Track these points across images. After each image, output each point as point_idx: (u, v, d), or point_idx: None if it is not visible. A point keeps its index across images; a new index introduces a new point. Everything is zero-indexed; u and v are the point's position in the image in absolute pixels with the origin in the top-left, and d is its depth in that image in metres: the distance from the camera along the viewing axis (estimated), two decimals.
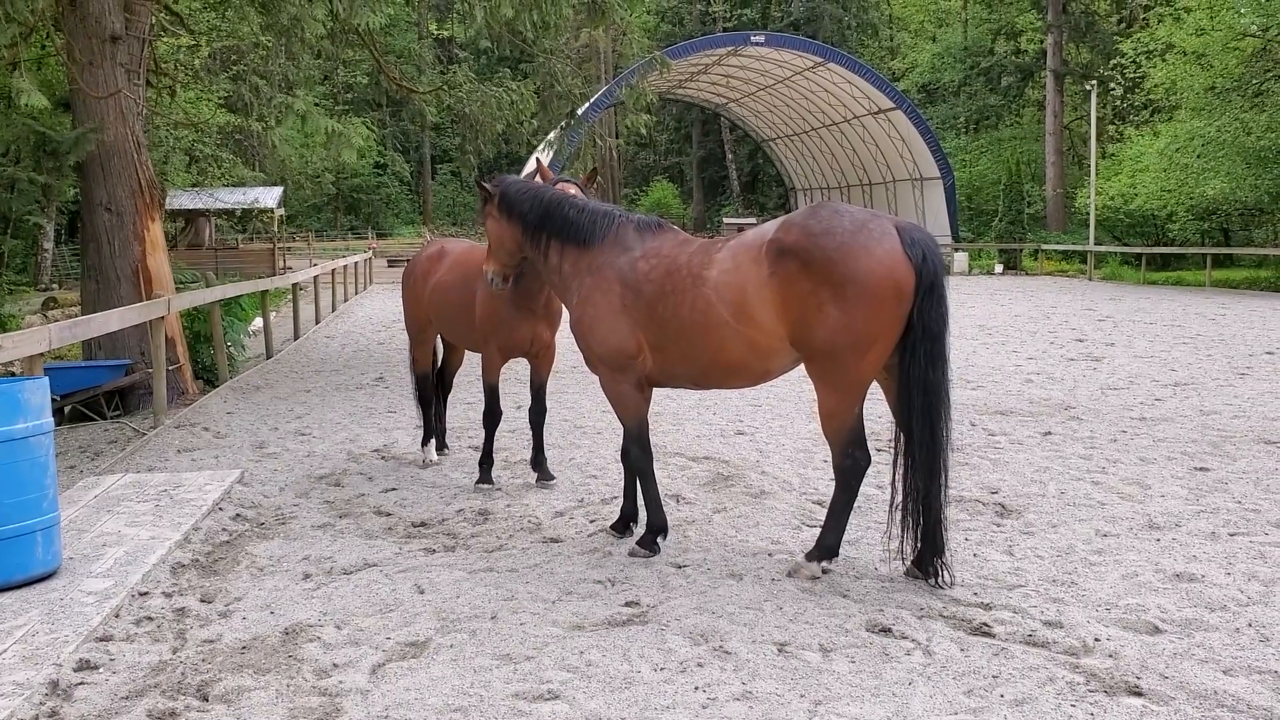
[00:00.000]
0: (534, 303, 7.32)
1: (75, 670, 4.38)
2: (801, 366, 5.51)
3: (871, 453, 5.50)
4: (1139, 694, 4.04)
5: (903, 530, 5.32)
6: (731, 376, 5.69)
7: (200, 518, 6.64)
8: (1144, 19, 40.55)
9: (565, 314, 6.92)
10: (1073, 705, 3.95)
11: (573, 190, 7.03)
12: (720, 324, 5.42)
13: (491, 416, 7.77)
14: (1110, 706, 3.94)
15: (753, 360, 5.48)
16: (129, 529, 6.33)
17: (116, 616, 5.01)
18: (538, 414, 7.65)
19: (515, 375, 12.02)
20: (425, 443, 8.59)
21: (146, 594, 5.36)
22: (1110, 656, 4.38)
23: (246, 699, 4.13)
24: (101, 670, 4.41)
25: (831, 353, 5.15)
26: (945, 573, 5.25)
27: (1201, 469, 7.74)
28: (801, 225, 5.24)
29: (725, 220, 54.91)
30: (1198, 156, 31.28)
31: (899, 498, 5.33)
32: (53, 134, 12.38)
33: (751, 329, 5.35)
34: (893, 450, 5.42)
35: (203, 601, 5.31)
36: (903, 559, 5.41)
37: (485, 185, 6.53)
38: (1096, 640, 4.54)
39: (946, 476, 5.29)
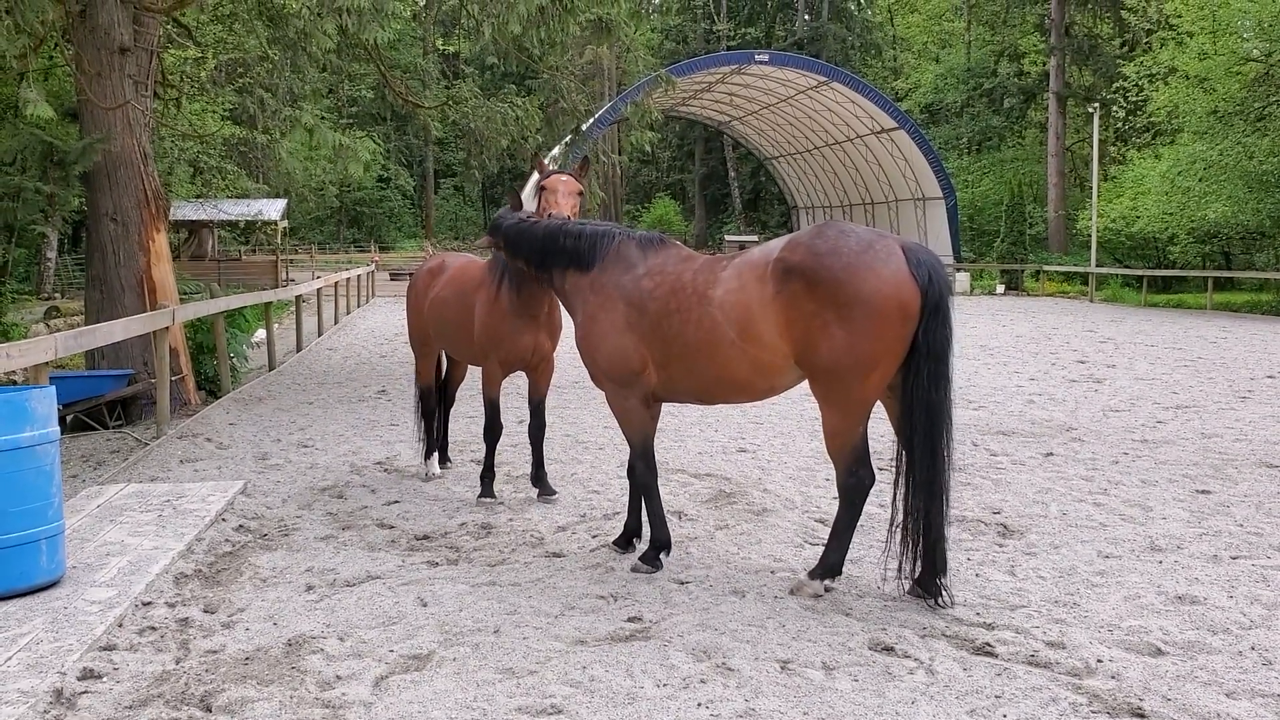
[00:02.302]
0: (537, 311, 7.36)
1: (79, 679, 4.38)
2: (805, 384, 5.53)
3: (876, 472, 5.52)
4: (1142, 715, 4.04)
5: (902, 549, 5.33)
6: (736, 393, 5.71)
7: (203, 528, 6.65)
8: (1147, 42, 40.64)
9: (567, 326, 7.00)
10: None
11: (566, 180, 7.20)
12: (726, 343, 5.43)
13: (492, 431, 7.78)
14: None
15: (757, 378, 5.50)
16: (132, 539, 6.34)
17: (120, 626, 5.02)
18: (537, 429, 7.66)
19: (517, 389, 12.03)
20: (428, 456, 8.60)
21: (150, 604, 5.37)
22: (1113, 678, 4.38)
23: (250, 710, 4.13)
24: (105, 679, 4.42)
25: (836, 372, 5.17)
26: (946, 593, 5.25)
27: (1203, 492, 7.75)
28: (808, 244, 5.26)
29: (727, 238, 55.03)
30: (1199, 180, 31.33)
31: (899, 517, 5.34)
32: (60, 144, 12.46)
33: (756, 348, 5.37)
34: (894, 469, 5.44)
35: (206, 612, 5.31)
36: (900, 578, 5.41)
37: (492, 237, 6.90)
38: (1099, 661, 4.55)
39: (948, 496, 5.31)
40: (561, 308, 7.63)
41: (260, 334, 19.38)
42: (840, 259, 5.11)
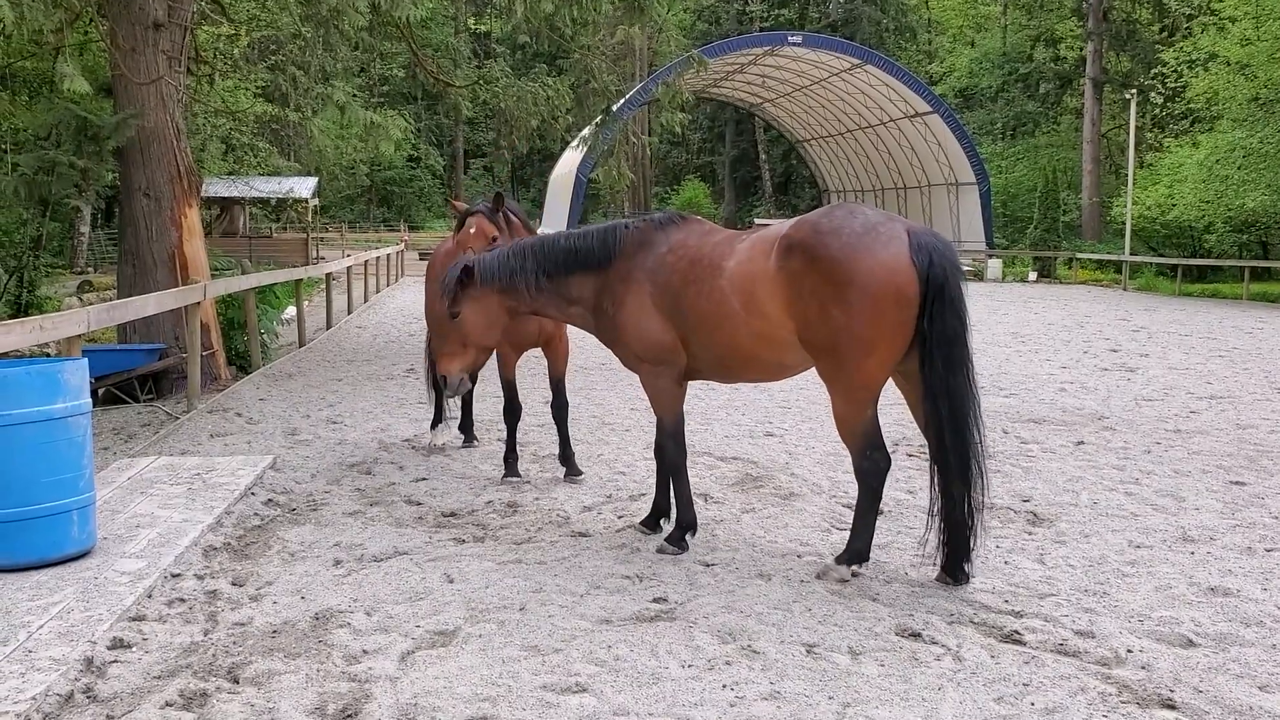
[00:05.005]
0: None
1: (109, 648, 4.42)
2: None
3: (892, 455, 5.46)
4: (1172, 707, 3.99)
5: (941, 535, 5.28)
6: (747, 368, 5.75)
7: (232, 502, 6.69)
8: (1187, 28, 40.07)
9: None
10: (1104, 716, 3.91)
11: (480, 220, 7.38)
12: (732, 314, 5.48)
13: (511, 411, 7.84)
14: (1143, 719, 3.90)
15: (764, 352, 5.52)
16: (162, 511, 6.39)
17: (149, 597, 5.05)
18: (560, 408, 7.70)
19: (543, 369, 12.03)
20: (434, 426, 8.89)
21: (179, 576, 5.41)
22: (1143, 668, 4.33)
23: (276, 682, 4.16)
24: (134, 649, 4.46)
25: (834, 353, 5.17)
26: (968, 571, 5.24)
27: (1237, 483, 7.64)
28: (813, 223, 5.30)
29: (756, 221, 54.74)
30: (1238, 168, 30.89)
31: (937, 504, 5.29)
32: (94, 119, 12.50)
33: (759, 320, 5.40)
34: (927, 457, 5.38)
35: (234, 585, 5.35)
36: (936, 564, 5.39)
37: (467, 270, 6.16)
38: (1129, 651, 4.49)
39: (985, 481, 5.25)
40: None
41: (290, 311, 19.49)
42: (840, 238, 5.11)
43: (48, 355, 12.04)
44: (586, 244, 6.04)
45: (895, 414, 5.99)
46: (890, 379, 5.36)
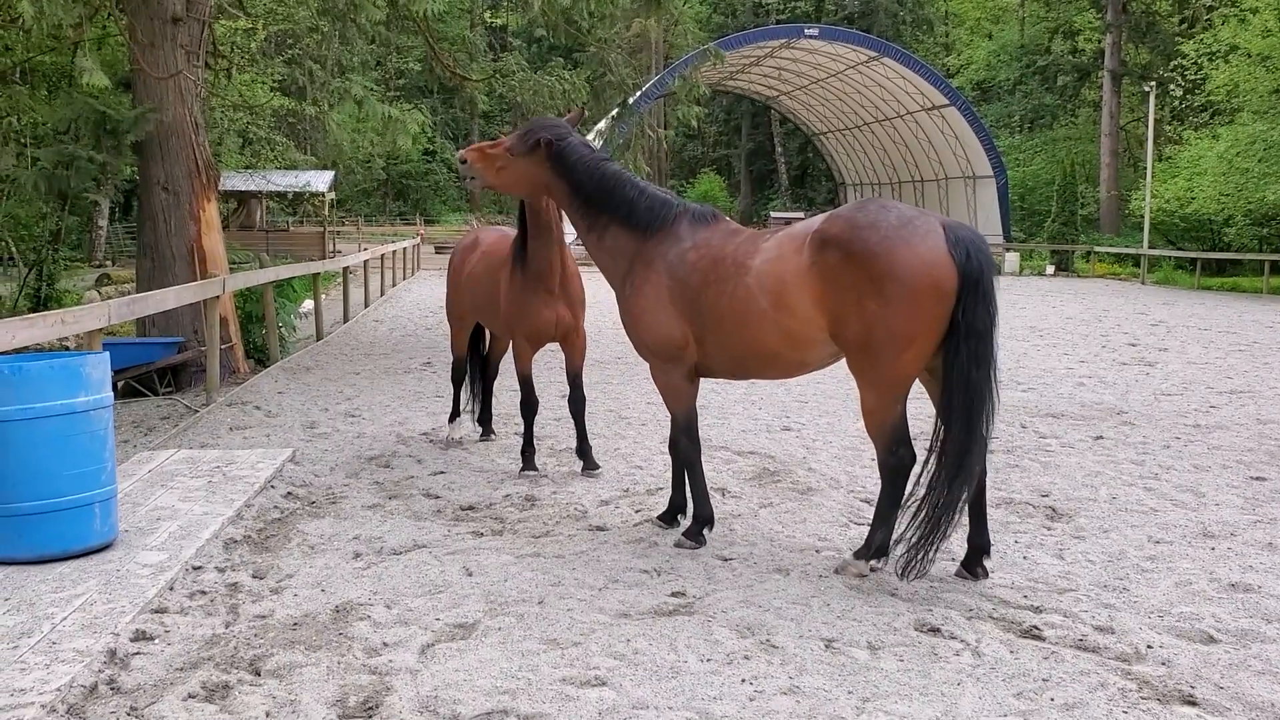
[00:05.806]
0: (550, 284, 7.39)
1: (132, 640, 4.46)
2: (843, 362, 5.48)
3: (918, 452, 5.43)
4: (1193, 703, 3.98)
5: (916, 526, 5.12)
6: (767, 366, 5.70)
7: (252, 495, 6.73)
8: (1207, 19, 39.77)
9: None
10: (1124, 712, 3.90)
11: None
12: (758, 313, 5.44)
13: (528, 406, 7.85)
14: (1163, 714, 3.89)
15: (787, 349, 5.48)
16: (183, 504, 6.43)
17: (171, 589, 5.09)
18: (577, 402, 7.69)
19: (559, 363, 12.06)
20: (451, 420, 8.93)
21: (200, 568, 5.44)
22: (1163, 664, 4.32)
23: (298, 675, 4.18)
24: (157, 641, 4.49)
25: (869, 348, 5.13)
26: (916, 568, 5.09)
27: (1258, 478, 7.60)
28: (847, 218, 5.25)
29: (772, 215, 54.61)
30: (1259, 161, 30.64)
31: (920, 492, 5.18)
32: (113, 113, 12.56)
33: (787, 317, 5.35)
34: (929, 446, 5.27)
35: (255, 577, 5.38)
36: (916, 558, 5.15)
37: (545, 136, 6.14)
38: (1149, 647, 4.48)
39: (975, 479, 5.14)
40: (576, 277, 7.62)
41: (308, 304, 19.56)
42: (877, 233, 5.08)
43: (68, 349, 12.13)
44: (641, 202, 5.94)
45: (913, 408, 5.95)
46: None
